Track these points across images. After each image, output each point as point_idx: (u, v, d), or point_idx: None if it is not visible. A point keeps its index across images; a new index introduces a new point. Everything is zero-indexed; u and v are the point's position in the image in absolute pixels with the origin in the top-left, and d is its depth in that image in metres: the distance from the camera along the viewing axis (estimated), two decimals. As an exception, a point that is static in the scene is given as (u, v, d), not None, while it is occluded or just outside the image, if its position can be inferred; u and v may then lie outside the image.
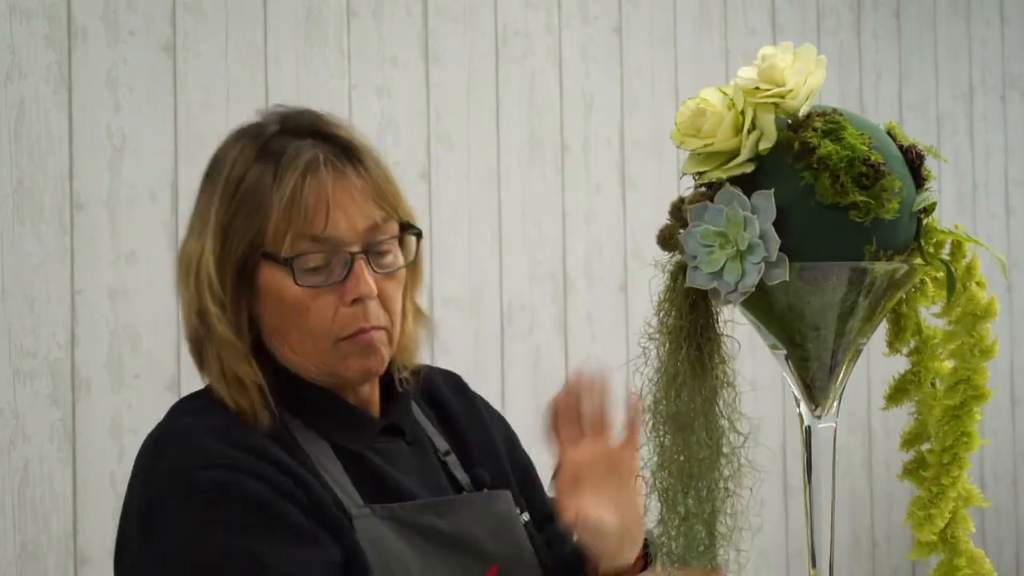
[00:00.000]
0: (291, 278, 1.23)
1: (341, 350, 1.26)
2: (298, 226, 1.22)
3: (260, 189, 1.23)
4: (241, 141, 1.28)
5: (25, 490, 2.02)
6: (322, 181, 1.23)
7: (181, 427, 1.25)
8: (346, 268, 1.24)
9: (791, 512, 3.28)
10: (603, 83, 2.94)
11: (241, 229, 1.23)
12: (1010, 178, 4.03)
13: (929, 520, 1.08)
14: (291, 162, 1.24)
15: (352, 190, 1.25)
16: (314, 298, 1.24)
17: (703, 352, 1.10)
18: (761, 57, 1.08)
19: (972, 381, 1.09)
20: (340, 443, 1.28)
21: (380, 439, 1.31)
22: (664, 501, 1.11)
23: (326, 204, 1.23)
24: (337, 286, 1.24)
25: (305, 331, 1.25)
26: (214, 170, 1.28)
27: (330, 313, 1.24)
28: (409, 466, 1.32)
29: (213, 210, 1.25)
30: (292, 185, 1.23)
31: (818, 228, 1.05)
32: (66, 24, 2.10)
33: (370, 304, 1.25)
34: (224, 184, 1.25)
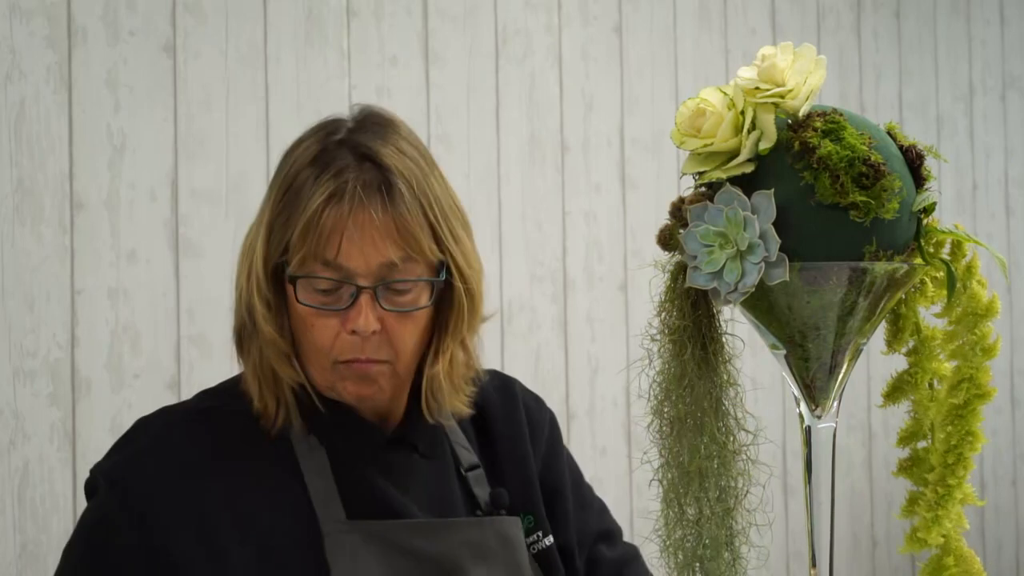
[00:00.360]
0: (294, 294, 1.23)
1: (339, 372, 1.25)
2: (312, 248, 1.21)
3: (298, 200, 1.23)
4: (314, 136, 1.28)
5: (25, 490, 2.02)
6: (342, 211, 1.21)
7: (143, 438, 1.27)
8: (351, 299, 1.22)
9: (791, 512, 3.28)
10: (603, 83, 2.94)
11: (279, 234, 1.24)
12: (1010, 178, 4.03)
13: (936, 521, 1.08)
14: (324, 183, 1.22)
15: (370, 226, 1.21)
16: (318, 317, 1.23)
17: (708, 351, 1.10)
18: (761, 57, 1.08)
19: (975, 380, 1.09)
20: (337, 454, 1.27)
21: (387, 451, 1.30)
22: (675, 503, 1.11)
23: (340, 234, 1.21)
24: (340, 312, 1.23)
25: (309, 345, 1.25)
26: (286, 158, 1.29)
27: (332, 335, 1.24)
28: (416, 481, 1.31)
29: (269, 206, 1.26)
30: (313, 208, 1.21)
31: (818, 228, 1.05)
32: (66, 24, 2.10)
33: (371, 338, 1.23)
34: (282, 181, 1.26)
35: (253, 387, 1.26)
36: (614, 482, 2.88)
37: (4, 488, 2.00)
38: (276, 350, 1.25)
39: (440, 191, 1.27)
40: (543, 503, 1.40)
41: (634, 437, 2.91)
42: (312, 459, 1.26)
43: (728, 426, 1.10)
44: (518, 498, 1.37)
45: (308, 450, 1.26)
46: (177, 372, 2.18)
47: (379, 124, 1.28)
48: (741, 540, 1.10)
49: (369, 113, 1.30)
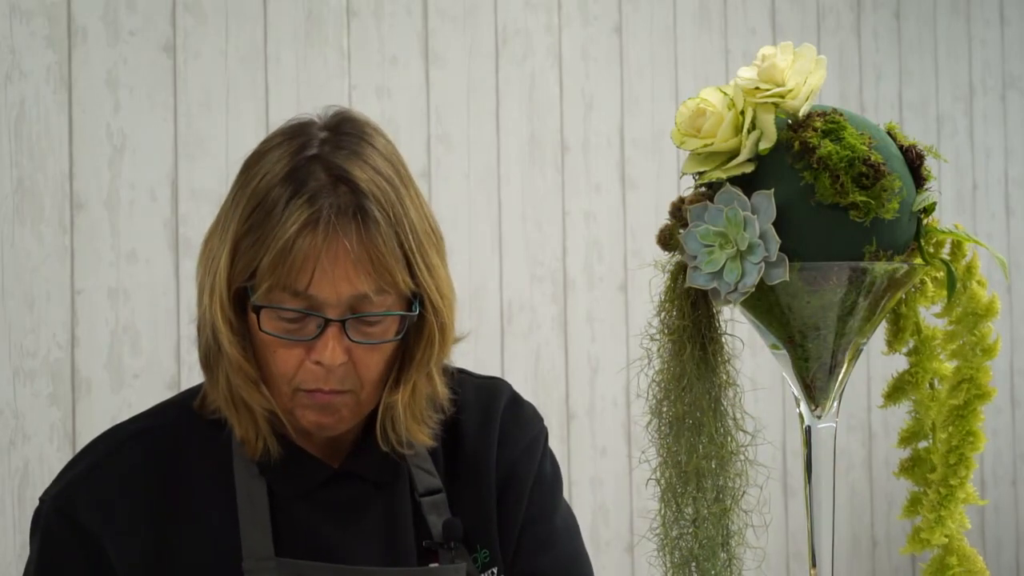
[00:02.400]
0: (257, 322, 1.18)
1: (299, 400, 1.21)
2: (281, 278, 1.15)
3: (268, 222, 1.16)
4: (284, 147, 1.20)
5: (25, 490, 2.02)
6: (315, 241, 1.15)
7: (84, 462, 1.26)
8: (318, 330, 1.17)
9: (791, 512, 3.28)
10: (603, 83, 2.94)
11: (247, 256, 1.17)
12: (1010, 178, 4.03)
13: (939, 522, 1.08)
14: (298, 207, 1.16)
15: (344, 257, 1.16)
16: (281, 346, 1.18)
17: (708, 351, 1.10)
18: (761, 57, 1.08)
19: (975, 380, 1.09)
20: (276, 488, 1.24)
21: (330, 486, 1.26)
22: (672, 503, 1.11)
23: (313, 265, 1.15)
24: (306, 342, 1.18)
25: (269, 371, 1.20)
26: (252, 164, 1.22)
27: (295, 363, 1.19)
28: (360, 516, 1.26)
29: (235, 221, 1.18)
30: (286, 238, 1.15)
31: (818, 228, 1.05)
32: (66, 24, 2.10)
33: (336, 370, 1.18)
34: (250, 195, 1.19)
35: (228, 413, 1.22)
36: (614, 482, 2.88)
37: (4, 488, 2.00)
38: (243, 376, 1.19)
39: (415, 215, 1.22)
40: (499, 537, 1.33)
41: (634, 437, 2.91)
42: (251, 490, 1.23)
43: (726, 426, 1.10)
44: (475, 528, 1.31)
45: (248, 479, 1.23)
46: (177, 372, 2.18)
47: (354, 135, 1.22)
48: (737, 541, 1.10)
49: (342, 120, 1.24)
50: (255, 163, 1.21)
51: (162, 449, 1.25)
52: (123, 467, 1.25)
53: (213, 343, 1.20)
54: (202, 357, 1.24)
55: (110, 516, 1.22)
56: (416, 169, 2.58)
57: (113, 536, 1.21)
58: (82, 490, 1.24)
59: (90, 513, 1.22)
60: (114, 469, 1.25)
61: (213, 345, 1.20)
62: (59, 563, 1.23)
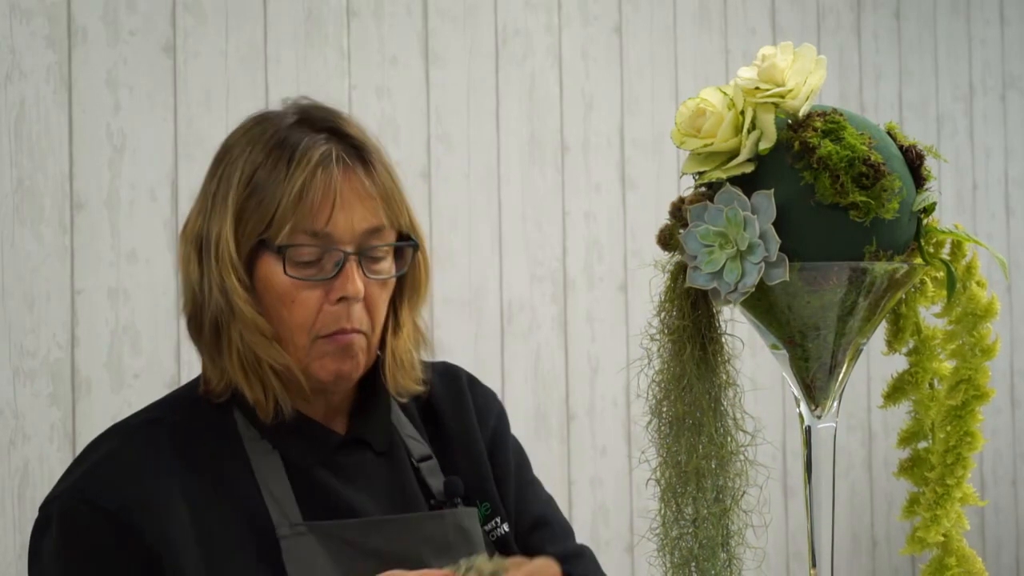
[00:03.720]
0: (281, 267, 1.23)
1: (319, 348, 1.25)
2: (300, 219, 1.23)
3: (273, 180, 1.23)
4: (259, 127, 1.28)
5: (25, 490, 2.02)
6: (332, 176, 1.24)
7: (96, 454, 1.25)
8: (337, 267, 1.24)
9: (791, 512, 3.28)
10: (603, 83, 2.94)
11: (254, 219, 1.24)
12: (1010, 178, 4.03)
13: (935, 521, 1.08)
14: (304, 154, 1.24)
15: (360, 190, 1.25)
16: (300, 290, 1.24)
17: (708, 351, 1.10)
18: (761, 57, 1.08)
19: (974, 381, 1.09)
20: (291, 458, 1.27)
21: (340, 452, 1.30)
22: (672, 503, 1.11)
23: (332, 200, 1.24)
24: (325, 283, 1.24)
25: (287, 324, 1.25)
26: (228, 154, 1.28)
27: (314, 308, 1.24)
28: (370, 479, 1.30)
29: (232, 194, 1.24)
30: (303, 178, 1.23)
31: (818, 228, 1.05)
32: (66, 24, 2.10)
33: (355, 306, 1.25)
34: (241, 170, 1.25)
35: (240, 379, 1.24)
36: (614, 482, 2.88)
37: (4, 488, 2.00)
38: (258, 332, 1.24)
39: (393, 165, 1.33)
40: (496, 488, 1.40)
41: (634, 437, 2.91)
42: (266, 463, 1.25)
43: (726, 426, 1.10)
44: (472, 486, 1.37)
45: (262, 454, 1.26)
46: (177, 372, 2.18)
47: (323, 108, 1.31)
48: (737, 541, 1.10)
49: (308, 102, 1.32)
50: (233, 151, 1.27)
51: (175, 436, 1.26)
52: (141, 453, 1.24)
53: (225, 307, 1.23)
54: (206, 332, 1.26)
55: (137, 496, 1.21)
56: (416, 169, 2.58)
57: (146, 513, 1.20)
58: (102, 476, 1.22)
59: (116, 493, 1.20)
60: (132, 455, 1.24)
61: (225, 309, 1.23)
62: (88, 553, 1.20)
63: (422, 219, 1.37)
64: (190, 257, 1.26)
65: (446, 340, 2.58)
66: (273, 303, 1.25)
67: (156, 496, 1.21)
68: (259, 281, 1.25)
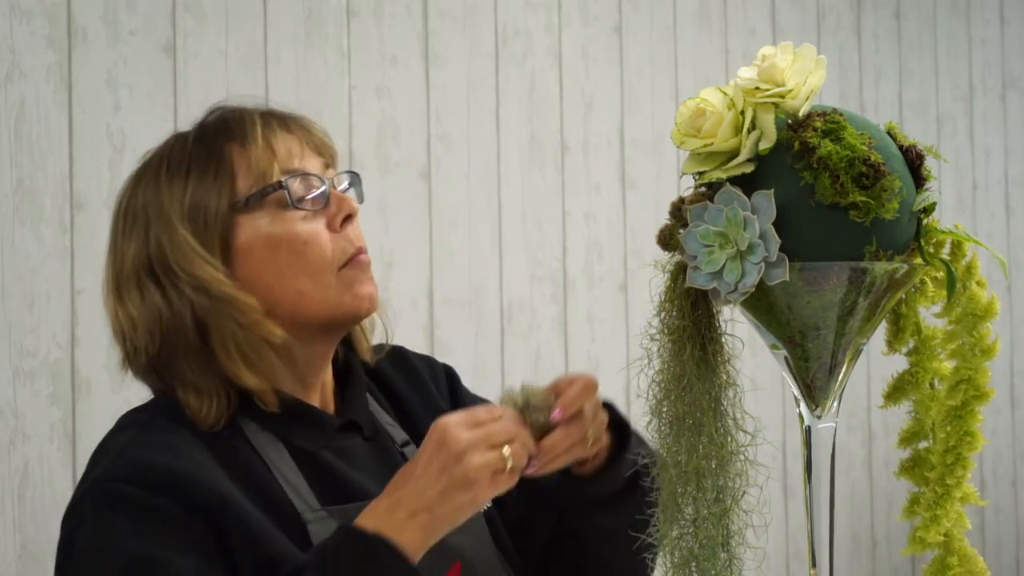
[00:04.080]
0: (288, 206, 1.23)
1: (346, 278, 1.25)
2: (280, 161, 1.24)
3: (216, 154, 1.24)
4: (161, 152, 1.28)
5: (25, 490, 2.02)
6: (285, 124, 1.28)
7: (119, 442, 1.22)
8: (324, 199, 1.26)
9: (791, 512, 3.28)
10: (603, 83, 2.94)
11: (213, 196, 1.23)
12: (1010, 178, 4.03)
13: (935, 521, 1.09)
14: (239, 121, 1.26)
15: (311, 127, 1.30)
16: (311, 223, 1.24)
17: (708, 351, 1.10)
18: (761, 57, 1.08)
19: (973, 381, 1.09)
20: (296, 444, 1.25)
21: (338, 437, 1.29)
22: (672, 503, 1.11)
23: (296, 141, 1.27)
24: (323, 213, 1.25)
25: (307, 272, 1.24)
26: (150, 169, 1.27)
27: (327, 241, 1.25)
28: (367, 463, 1.30)
29: (167, 198, 1.23)
30: (259, 131, 1.25)
31: (818, 228, 1.05)
32: (66, 24, 2.10)
33: (355, 224, 1.28)
34: (168, 173, 1.25)
35: (241, 369, 1.21)
36: (614, 482, 2.88)
37: (4, 488, 2.00)
38: (252, 309, 1.22)
39: None
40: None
41: (634, 437, 2.91)
42: (274, 452, 1.24)
43: (726, 426, 1.10)
44: None
45: (268, 443, 1.24)
46: (177, 372, 2.18)
47: (211, 109, 1.32)
48: (737, 541, 1.10)
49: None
50: (140, 179, 1.28)
51: (187, 426, 1.23)
52: (165, 436, 1.20)
53: (207, 302, 1.21)
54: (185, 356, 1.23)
55: (179, 465, 1.17)
56: (416, 169, 2.58)
57: (193, 478, 1.16)
58: (137, 454, 1.18)
59: (158, 466, 1.16)
60: (158, 437, 1.20)
61: (207, 304, 1.21)
62: (142, 524, 1.14)
63: (422, 219, 1.37)
64: (143, 289, 1.23)
65: (446, 340, 2.58)
66: (285, 257, 1.23)
67: (197, 466, 1.18)
68: (254, 251, 1.24)
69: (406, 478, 1.13)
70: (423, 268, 2.57)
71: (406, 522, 1.11)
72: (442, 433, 1.13)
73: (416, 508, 1.11)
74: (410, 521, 1.11)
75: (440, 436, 1.13)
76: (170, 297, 1.22)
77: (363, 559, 1.09)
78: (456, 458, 1.12)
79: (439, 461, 1.12)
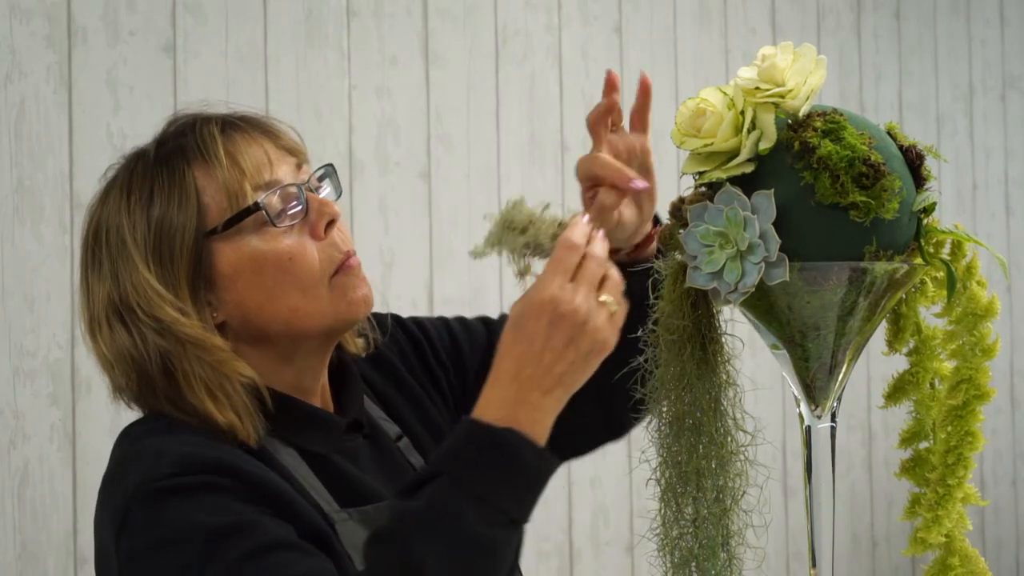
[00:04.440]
0: (268, 224, 1.18)
1: (339, 286, 1.21)
2: (250, 178, 1.18)
3: (179, 180, 1.18)
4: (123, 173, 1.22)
5: (25, 490, 2.02)
6: (245, 133, 1.21)
7: (148, 446, 1.17)
8: (301, 202, 1.21)
9: (791, 512, 3.28)
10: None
11: (179, 226, 1.18)
12: (1010, 178, 4.03)
13: (937, 521, 1.09)
14: (201, 139, 1.20)
15: (276, 132, 1.24)
16: (295, 238, 1.19)
17: (708, 351, 1.10)
18: (761, 57, 1.08)
19: (974, 381, 1.09)
20: (306, 448, 1.22)
21: (345, 437, 1.27)
22: (672, 503, 1.11)
23: (262, 151, 1.21)
24: (304, 223, 1.20)
25: (297, 287, 1.19)
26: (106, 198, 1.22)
27: (313, 252, 1.20)
28: (371, 463, 1.28)
29: (128, 230, 1.18)
30: (221, 148, 1.19)
31: (818, 228, 1.05)
32: (66, 24, 2.10)
33: (339, 228, 1.22)
34: (128, 198, 1.19)
35: (210, 406, 1.16)
36: (613, 482, 2.88)
37: (4, 488, 2.00)
38: (217, 352, 1.17)
39: None
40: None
41: (633, 437, 2.91)
42: (289, 457, 1.21)
43: (726, 426, 1.10)
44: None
45: (281, 449, 1.21)
46: (177, 372, 2.18)
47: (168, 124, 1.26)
48: (737, 541, 1.10)
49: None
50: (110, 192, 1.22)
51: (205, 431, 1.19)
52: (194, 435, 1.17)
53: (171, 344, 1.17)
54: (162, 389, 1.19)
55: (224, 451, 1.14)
56: (416, 169, 2.58)
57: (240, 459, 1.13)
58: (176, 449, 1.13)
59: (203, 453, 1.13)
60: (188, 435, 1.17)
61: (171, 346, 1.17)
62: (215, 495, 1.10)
63: (422, 219, 1.36)
64: (113, 330, 1.19)
65: (446, 340, 2.58)
66: (271, 276, 1.19)
67: (236, 456, 1.15)
68: (237, 275, 1.19)
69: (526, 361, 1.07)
70: (423, 268, 2.57)
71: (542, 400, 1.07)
72: (554, 307, 1.07)
73: (550, 385, 1.06)
74: (546, 398, 1.06)
75: (553, 310, 1.06)
76: (135, 338, 1.18)
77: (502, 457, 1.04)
78: (581, 328, 1.07)
79: (562, 335, 1.06)
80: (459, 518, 1.02)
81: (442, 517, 1.02)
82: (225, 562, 1.06)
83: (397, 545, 1.03)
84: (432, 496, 1.04)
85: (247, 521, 1.08)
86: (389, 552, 1.03)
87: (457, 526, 1.02)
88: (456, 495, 1.03)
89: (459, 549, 1.02)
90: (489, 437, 1.05)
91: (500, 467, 1.04)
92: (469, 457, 1.05)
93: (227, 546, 1.06)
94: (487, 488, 1.03)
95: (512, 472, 1.04)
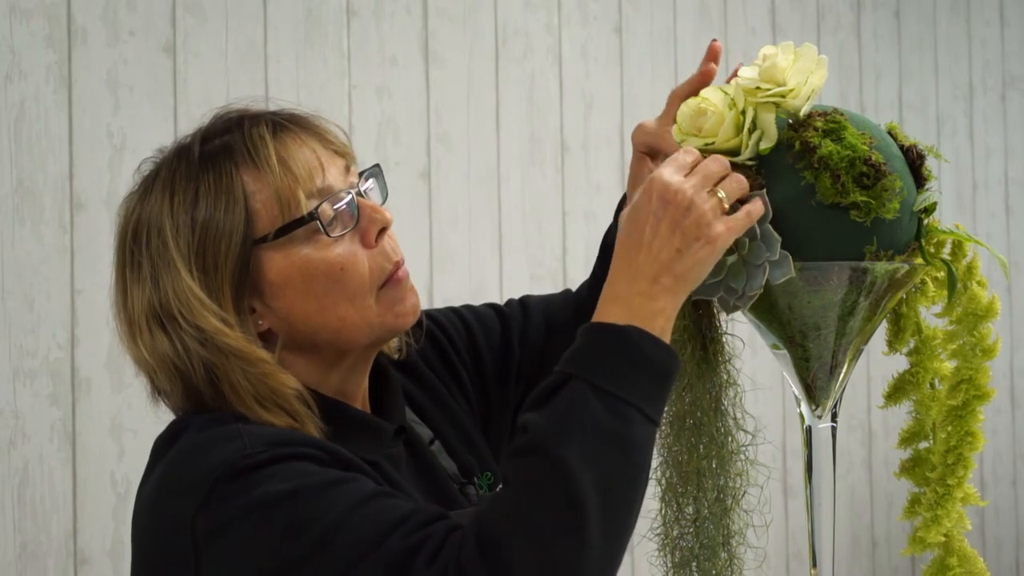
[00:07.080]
0: (320, 233, 1.14)
1: (387, 298, 1.18)
2: (302, 185, 1.14)
3: (227, 183, 1.14)
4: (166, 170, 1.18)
5: (25, 490, 2.02)
6: (295, 135, 1.17)
7: (223, 433, 1.11)
8: (354, 209, 1.16)
9: (791, 512, 3.28)
10: (603, 83, 2.94)
11: (225, 232, 1.13)
12: (1010, 178, 4.03)
13: (936, 521, 1.09)
14: (250, 140, 1.16)
15: (319, 142, 1.19)
16: (347, 247, 1.16)
17: (708, 351, 1.10)
18: (762, 57, 1.08)
19: (974, 381, 1.09)
20: (360, 454, 1.17)
21: (391, 443, 1.24)
22: (672, 502, 1.11)
23: (313, 154, 1.17)
24: (355, 230, 1.16)
25: (346, 297, 1.16)
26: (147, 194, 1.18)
27: (364, 261, 1.16)
28: (410, 469, 1.26)
29: (171, 232, 1.14)
30: (273, 152, 1.15)
31: (819, 228, 1.05)
32: (66, 24, 2.10)
33: (391, 233, 1.19)
34: (172, 198, 1.15)
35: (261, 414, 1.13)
36: (614, 482, 2.88)
37: (4, 488, 2.00)
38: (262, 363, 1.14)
39: None
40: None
41: (634, 437, 2.91)
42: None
43: (727, 426, 1.10)
44: (473, 459, 1.32)
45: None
46: (177, 372, 2.18)
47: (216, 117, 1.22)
48: (738, 540, 1.10)
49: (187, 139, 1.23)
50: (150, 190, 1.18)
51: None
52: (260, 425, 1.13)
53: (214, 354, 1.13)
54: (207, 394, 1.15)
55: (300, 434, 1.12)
56: (416, 169, 2.58)
57: (324, 444, 1.11)
58: (257, 430, 1.10)
59: (284, 429, 1.11)
60: (250, 425, 1.13)
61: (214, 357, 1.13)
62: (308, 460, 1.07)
63: (422, 219, 1.35)
64: (154, 336, 1.15)
65: (446, 340, 2.58)
66: (321, 287, 1.15)
67: (315, 440, 1.12)
68: (285, 285, 1.16)
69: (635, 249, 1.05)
70: (423, 268, 2.57)
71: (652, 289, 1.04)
72: (662, 189, 1.05)
73: (656, 273, 1.04)
74: (655, 286, 1.04)
75: (661, 192, 1.04)
76: (176, 347, 1.14)
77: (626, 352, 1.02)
78: (685, 213, 1.04)
79: (668, 219, 1.04)
80: (596, 417, 1.00)
81: (580, 418, 1.00)
82: (330, 516, 1.03)
83: (538, 455, 1.00)
84: (565, 400, 1.02)
85: (342, 476, 1.06)
86: (531, 461, 1.01)
87: (596, 425, 1.00)
88: (588, 395, 1.01)
89: (600, 448, 1.00)
90: (612, 335, 1.03)
91: (626, 361, 1.02)
92: (596, 356, 1.03)
93: (330, 498, 1.04)
94: (616, 384, 1.01)
95: (639, 366, 1.02)
